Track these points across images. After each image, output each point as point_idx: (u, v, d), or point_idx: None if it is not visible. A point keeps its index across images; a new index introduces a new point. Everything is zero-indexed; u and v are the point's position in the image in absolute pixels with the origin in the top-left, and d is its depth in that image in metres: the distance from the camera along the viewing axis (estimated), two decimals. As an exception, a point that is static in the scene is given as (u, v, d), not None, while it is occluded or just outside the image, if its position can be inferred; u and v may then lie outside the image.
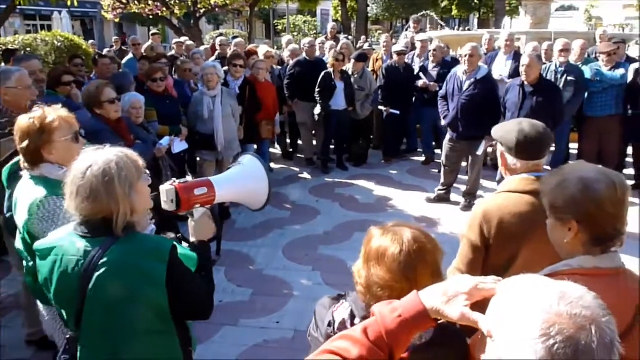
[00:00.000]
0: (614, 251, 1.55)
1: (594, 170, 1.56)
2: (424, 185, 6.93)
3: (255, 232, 5.58)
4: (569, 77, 6.29)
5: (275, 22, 32.34)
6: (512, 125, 2.25)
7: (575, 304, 0.87)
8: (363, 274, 1.50)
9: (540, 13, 11.34)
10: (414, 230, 1.49)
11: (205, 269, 1.91)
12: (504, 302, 0.96)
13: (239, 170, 2.08)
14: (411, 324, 1.10)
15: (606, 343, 0.84)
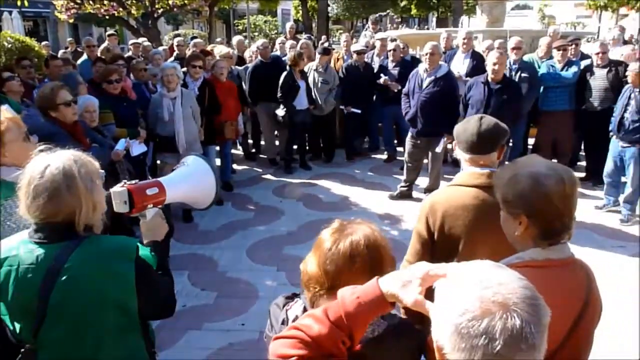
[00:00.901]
0: (564, 242, 1.60)
1: (544, 165, 1.60)
2: (386, 183, 7.01)
3: (219, 234, 5.53)
4: (522, 74, 6.47)
5: (235, 22, 32.08)
6: (467, 121, 2.31)
7: (491, 289, 0.90)
8: (321, 278, 1.48)
9: (496, 12, 11.61)
10: (366, 229, 1.49)
11: (163, 268, 1.90)
12: (444, 285, 1.00)
13: (185, 171, 2.10)
14: (368, 307, 1.16)
15: (512, 329, 0.86)
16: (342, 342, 1.16)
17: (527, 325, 0.87)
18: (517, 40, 6.74)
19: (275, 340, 1.22)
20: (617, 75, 6.29)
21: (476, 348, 0.86)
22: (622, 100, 5.65)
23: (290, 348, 1.16)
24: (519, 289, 0.91)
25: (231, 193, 6.70)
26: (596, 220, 5.76)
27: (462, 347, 0.87)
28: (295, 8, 35.64)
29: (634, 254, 4.96)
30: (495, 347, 0.85)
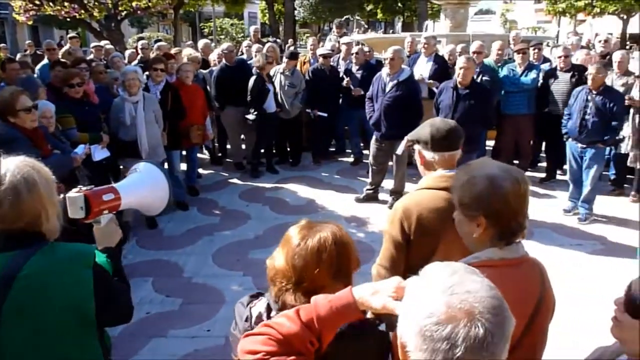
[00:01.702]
0: (518, 242, 1.65)
1: (498, 167, 1.65)
2: (353, 186, 7.05)
3: (184, 240, 5.46)
4: (484, 77, 6.63)
5: (201, 25, 31.80)
6: (425, 123, 2.36)
7: (458, 296, 0.91)
8: (290, 276, 1.51)
9: (458, 17, 11.83)
10: (331, 228, 1.53)
11: (119, 274, 1.89)
12: (413, 285, 1.02)
13: (138, 177, 2.10)
14: (339, 312, 1.21)
15: (475, 337, 0.87)
16: (311, 342, 1.20)
17: (490, 335, 0.87)
18: (479, 44, 6.91)
19: (246, 337, 1.25)
20: (580, 80, 6.44)
21: (437, 352, 0.87)
22: (578, 102, 5.79)
23: (260, 344, 1.20)
24: (487, 298, 0.92)
25: (197, 198, 6.63)
26: (556, 219, 5.93)
27: (423, 349, 0.89)
28: (262, 11, 35.58)
29: (591, 252, 5.13)
30: (455, 353, 0.86)
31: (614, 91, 5.90)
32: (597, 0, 21.54)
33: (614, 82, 6.43)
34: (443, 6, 12.29)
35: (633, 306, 1.29)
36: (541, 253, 5.06)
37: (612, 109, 5.63)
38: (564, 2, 23.38)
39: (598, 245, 5.30)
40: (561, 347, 2.96)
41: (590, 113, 5.65)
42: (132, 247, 5.21)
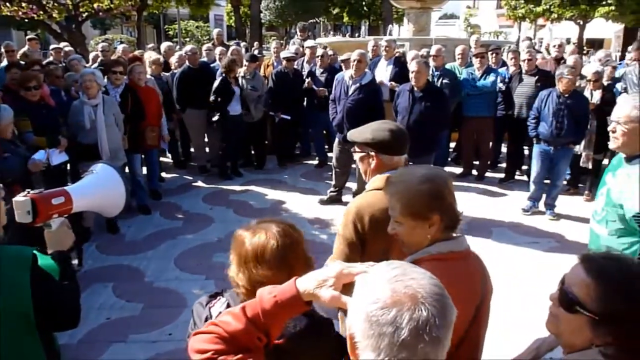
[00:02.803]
0: (461, 235, 1.75)
1: (424, 168, 1.80)
2: (318, 188, 7.09)
3: (146, 244, 5.40)
4: (444, 80, 6.78)
5: (166, 28, 31.40)
6: (377, 125, 2.40)
7: (402, 283, 0.95)
8: (243, 277, 1.54)
9: (421, 21, 12.04)
10: (280, 224, 1.58)
11: (68, 278, 1.86)
12: (359, 281, 1.06)
13: (93, 179, 2.09)
14: (285, 306, 1.21)
15: (418, 320, 0.91)
16: (258, 338, 1.21)
17: (432, 318, 0.92)
18: (437, 48, 7.06)
19: (195, 336, 1.26)
20: (545, 83, 6.63)
21: (383, 336, 0.91)
22: (550, 106, 5.92)
23: (208, 343, 1.21)
24: (429, 285, 0.96)
25: (159, 202, 6.56)
26: (514, 219, 6.10)
27: (370, 334, 0.92)
28: (227, 14, 35.36)
29: (547, 249, 5.30)
30: (400, 335, 0.90)
31: (581, 94, 6.12)
32: (555, 6, 22.20)
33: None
34: (406, 10, 12.49)
35: (566, 300, 1.33)
36: (499, 251, 5.25)
37: (581, 111, 5.86)
38: (523, 7, 24.01)
39: (553, 242, 5.48)
40: (519, 342, 3.05)
41: (565, 116, 5.82)
42: (92, 252, 5.13)
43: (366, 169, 2.42)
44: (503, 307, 3.89)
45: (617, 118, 2.62)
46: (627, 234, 2.62)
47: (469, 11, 41.54)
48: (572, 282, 1.34)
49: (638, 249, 2.58)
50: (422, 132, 5.58)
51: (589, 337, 1.30)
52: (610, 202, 2.70)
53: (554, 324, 1.40)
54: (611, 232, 2.70)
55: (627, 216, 2.57)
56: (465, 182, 7.33)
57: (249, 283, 1.52)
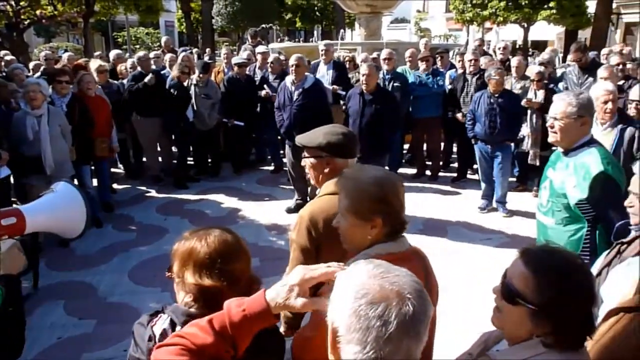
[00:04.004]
0: (402, 236, 1.77)
1: (379, 170, 1.79)
2: (274, 194, 7.06)
3: (98, 258, 5.23)
4: (395, 83, 6.89)
5: (114, 35, 30.62)
6: (328, 129, 2.40)
7: (388, 279, 0.99)
8: (189, 284, 1.52)
9: (372, 25, 12.21)
10: (223, 232, 1.59)
11: (12, 304, 1.76)
12: (339, 279, 1.07)
13: (51, 198, 2.00)
14: (254, 319, 1.20)
15: (405, 315, 0.95)
16: (227, 350, 1.19)
17: (417, 314, 0.96)
18: (388, 52, 7.17)
19: (159, 349, 1.24)
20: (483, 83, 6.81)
21: (371, 329, 0.93)
22: (482, 106, 6.14)
23: (174, 355, 1.19)
24: (412, 282, 1.01)
25: (111, 214, 6.37)
26: (467, 217, 6.25)
27: (357, 328, 0.94)
28: (178, 20, 34.84)
29: (498, 245, 5.45)
30: (388, 330, 0.93)
31: (511, 93, 6.36)
32: (500, 10, 22.95)
33: (513, 85, 6.89)
34: (357, 15, 12.63)
35: (507, 292, 1.38)
36: (454, 248, 5.36)
37: (513, 109, 6.07)
38: (470, 12, 24.72)
39: (505, 238, 5.64)
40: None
41: (497, 115, 6.03)
42: (41, 269, 4.91)
43: (319, 174, 2.39)
44: (463, 306, 3.99)
45: (554, 114, 2.80)
46: (573, 221, 2.80)
47: (419, 15, 42.39)
48: (512, 274, 1.40)
49: (583, 234, 2.75)
50: (374, 135, 5.66)
51: (529, 328, 1.35)
52: (554, 193, 2.87)
53: (498, 316, 1.45)
54: (557, 222, 2.88)
55: (571, 204, 2.75)
56: (419, 182, 7.46)
57: (193, 290, 1.51)
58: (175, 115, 7.06)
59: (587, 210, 2.70)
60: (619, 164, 2.93)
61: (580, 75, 6.89)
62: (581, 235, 2.76)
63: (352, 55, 8.84)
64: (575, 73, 6.93)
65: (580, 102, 2.75)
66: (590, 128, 2.90)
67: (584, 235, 2.75)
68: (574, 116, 2.73)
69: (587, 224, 2.74)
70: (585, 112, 2.78)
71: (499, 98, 6.06)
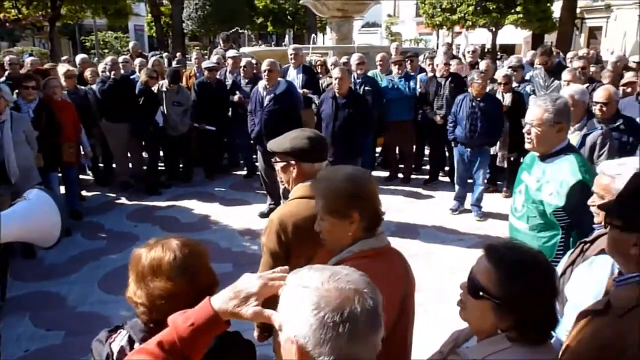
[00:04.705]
0: (382, 232, 1.82)
1: (350, 168, 1.83)
2: (247, 199, 7.02)
3: (67, 268, 5.11)
4: (366, 87, 6.95)
5: (82, 39, 30.04)
6: (296, 134, 2.40)
7: (342, 280, 0.99)
8: (142, 293, 1.49)
9: (343, 29, 12.30)
10: (179, 238, 1.57)
11: None
12: (287, 291, 1.05)
13: (24, 206, 1.94)
14: (203, 330, 1.15)
15: (368, 310, 0.96)
16: None
17: (376, 306, 0.99)
18: (359, 56, 7.23)
19: None
20: (457, 87, 6.93)
21: (341, 334, 0.93)
22: (464, 110, 6.18)
23: None
24: (360, 277, 1.02)
25: (80, 222, 6.23)
26: (439, 218, 6.33)
27: (327, 338, 0.93)
28: (148, 24, 34.41)
29: (470, 246, 5.53)
30: (358, 328, 0.94)
31: (493, 97, 6.43)
32: (469, 14, 23.38)
33: (482, 88, 6.99)
34: (329, 20, 12.71)
35: (472, 287, 1.43)
36: (427, 250, 5.42)
37: (494, 113, 6.16)
38: (440, 16, 25.12)
39: (476, 239, 5.72)
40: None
41: (478, 118, 6.09)
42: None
43: (288, 178, 2.42)
44: (436, 306, 4.03)
45: (531, 121, 2.73)
46: (547, 228, 2.77)
47: (390, 20, 42.83)
48: (477, 270, 1.45)
49: (557, 241, 2.73)
50: (347, 138, 5.69)
51: (493, 321, 1.39)
52: (529, 199, 2.83)
53: (464, 311, 1.49)
54: (532, 227, 2.84)
55: (547, 211, 2.71)
56: (392, 185, 7.52)
57: (147, 299, 1.47)
58: (143, 120, 6.98)
59: (563, 218, 2.66)
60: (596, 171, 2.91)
61: (547, 78, 7.07)
62: (555, 242, 2.73)
63: (324, 60, 8.88)
64: (541, 76, 7.10)
65: (557, 108, 2.69)
66: (567, 134, 2.85)
67: (557, 242, 2.72)
68: (550, 122, 2.67)
69: (561, 231, 2.70)
70: (562, 118, 2.72)
71: (480, 102, 6.13)
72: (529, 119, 2.75)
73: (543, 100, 2.77)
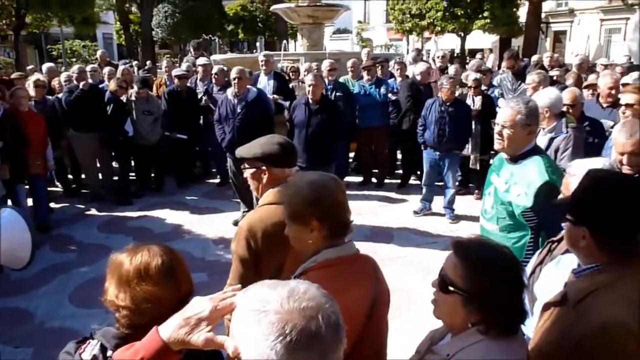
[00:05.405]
0: (349, 241, 1.80)
1: (316, 174, 1.82)
2: (221, 207, 6.96)
3: (35, 282, 4.96)
4: (337, 93, 6.99)
5: (48, 48, 29.44)
6: (265, 140, 2.40)
7: (302, 299, 0.95)
8: (125, 296, 1.50)
9: (314, 36, 12.33)
10: (159, 244, 1.61)
11: None
12: (241, 315, 0.98)
13: None
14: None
15: (332, 325, 0.94)
16: None
17: (338, 319, 0.96)
18: (330, 62, 7.27)
19: None
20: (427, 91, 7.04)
21: (312, 353, 0.90)
22: (433, 114, 6.26)
23: None
24: (316, 291, 0.98)
25: (49, 234, 6.08)
26: (412, 222, 6.39)
27: (298, 359, 0.90)
28: (117, 32, 33.96)
29: (444, 248, 5.58)
30: (325, 344, 0.92)
31: (462, 102, 6.53)
32: (438, 20, 23.78)
33: (451, 92, 7.10)
34: (299, 26, 12.73)
35: (442, 283, 1.46)
36: (402, 253, 5.45)
37: (463, 118, 6.25)
38: (409, 22, 25.47)
39: (449, 241, 5.73)
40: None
41: (447, 123, 6.16)
42: (-29, 297, 4.64)
43: (258, 184, 2.41)
44: (413, 308, 4.06)
45: (503, 122, 2.78)
46: (516, 229, 2.83)
47: (360, 26, 43.19)
48: (446, 266, 1.48)
49: (527, 241, 2.79)
50: (320, 144, 5.70)
51: (463, 316, 1.42)
52: (498, 200, 2.88)
53: (436, 307, 1.52)
54: (502, 228, 2.89)
55: (516, 212, 2.76)
56: (366, 190, 7.56)
57: (132, 302, 1.48)
58: (113, 130, 6.89)
59: (531, 218, 2.71)
60: (563, 172, 2.96)
61: (514, 81, 7.23)
62: (524, 242, 2.79)
63: (297, 66, 8.89)
64: (509, 79, 7.25)
65: (529, 111, 2.75)
66: (536, 136, 2.91)
67: (527, 242, 2.78)
68: (522, 124, 2.73)
69: (530, 231, 2.76)
70: (533, 120, 2.78)
71: (449, 107, 6.20)
72: (501, 120, 2.80)
73: (515, 102, 2.82)
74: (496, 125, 2.85)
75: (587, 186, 1.61)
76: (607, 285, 1.50)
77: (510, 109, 2.77)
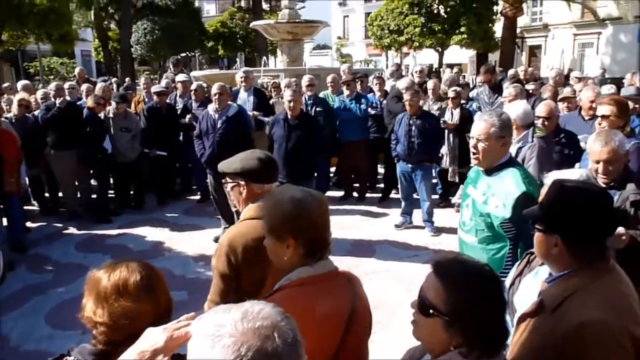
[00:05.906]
0: (326, 258, 1.76)
1: (299, 190, 1.78)
2: (202, 224, 6.89)
3: (10, 304, 4.83)
4: (317, 108, 7.02)
5: (25, 65, 29.09)
6: (246, 155, 2.40)
7: (256, 319, 0.93)
8: (103, 312, 1.49)
9: (294, 52, 12.40)
10: (137, 260, 1.61)
11: None
12: (197, 342, 0.97)
13: None
14: None
15: (289, 343, 0.92)
16: None
17: (295, 335, 0.94)
18: (309, 77, 7.31)
19: None
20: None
21: None
22: (402, 127, 6.35)
23: None
24: (270, 309, 0.97)
25: (25, 254, 5.95)
26: (393, 235, 6.40)
27: None
28: (95, 49, 33.73)
29: (425, 261, 5.59)
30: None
31: (430, 115, 6.63)
32: (416, 35, 24.16)
33: (430, 106, 7.21)
34: (279, 42, 12.80)
35: (422, 305, 1.42)
36: (383, 267, 5.45)
37: (431, 130, 6.32)
38: (388, 38, 25.83)
39: (431, 254, 5.80)
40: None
41: (415, 136, 6.24)
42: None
43: (238, 199, 2.41)
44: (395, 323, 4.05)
45: (477, 135, 2.80)
46: (495, 240, 2.82)
47: (340, 42, 43.62)
48: (426, 287, 1.44)
49: (506, 252, 2.79)
50: (300, 159, 5.71)
51: (445, 339, 1.38)
52: (477, 212, 2.89)
53: (416, 330, 1.48)
54: (481, 240, 2.89)
55: (495, 224, 2.77)
56: (347, 204, 7.57)
57: (109, 318, 1.48)
58: (91, 147, 6.81)
59: (510, 229, 2.72)
60: (538, 182, 2.92)
61: (491, 94, 7.34)
62: (504, 253, 2.78)
63: (278, 82, 8.92)
64: (486, 93, 7.37)
65: (502, 123, 2.77)
66: (509, 148, 2.93)
67: (506, 253, 2.78)
68: (496, 136, 2.74)
69: (509, 242, 2.75)
70: (507, 132, 2.81)
71: (417, 120, 6.29)
72: (476, 134, 2.81)
73: (489, 115, 2.84)
74: (471, 139, 2.87)
75: (554, 195, 1.64)
76: (582, 288, 1.53)
77: (484, 122, 2.79)
